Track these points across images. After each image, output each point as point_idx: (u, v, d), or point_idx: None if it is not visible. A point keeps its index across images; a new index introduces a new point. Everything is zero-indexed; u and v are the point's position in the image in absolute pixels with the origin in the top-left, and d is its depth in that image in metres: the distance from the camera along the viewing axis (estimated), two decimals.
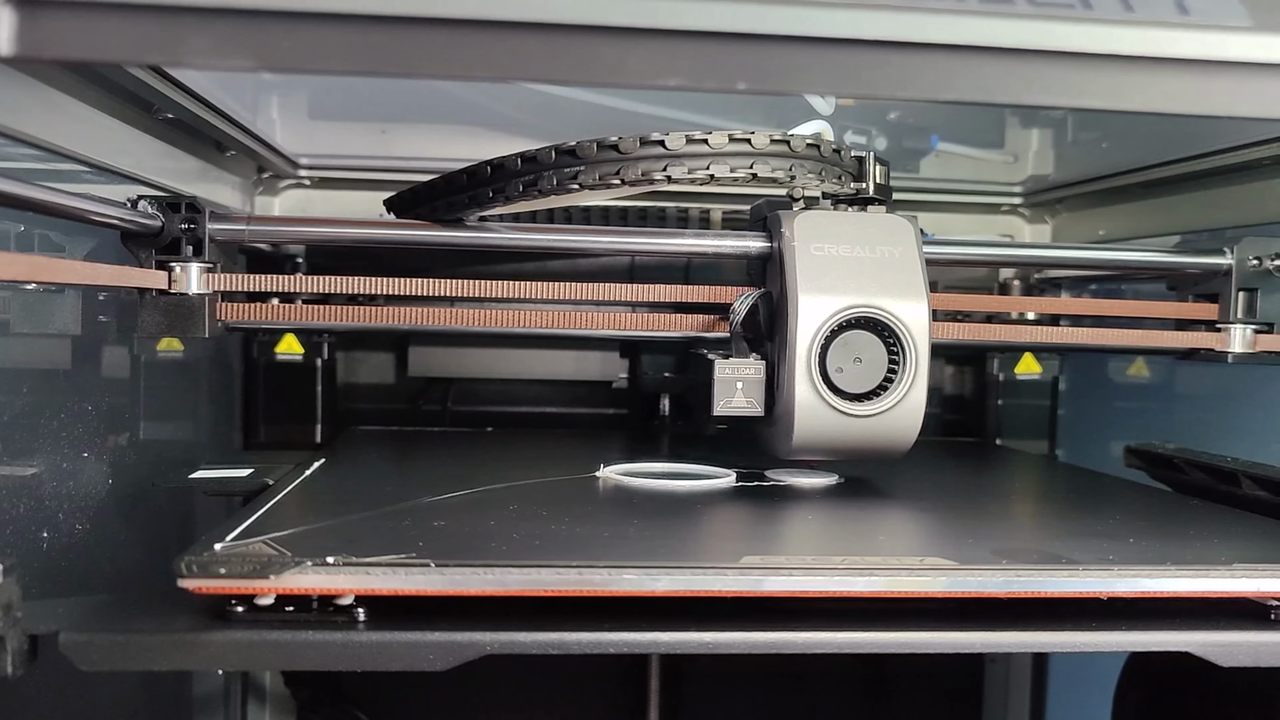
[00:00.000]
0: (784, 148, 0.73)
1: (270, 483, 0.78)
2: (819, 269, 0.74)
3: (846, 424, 0.74)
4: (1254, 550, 0.65)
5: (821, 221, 0.76)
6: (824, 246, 0.75)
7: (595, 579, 0.54)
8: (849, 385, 0.74)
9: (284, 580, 0.52)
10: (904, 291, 0.74)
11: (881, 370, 0.74)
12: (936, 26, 0.46)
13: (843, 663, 1.30)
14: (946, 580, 0.56)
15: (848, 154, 0.79)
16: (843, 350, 0.74)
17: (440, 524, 0.64)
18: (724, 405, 0.75)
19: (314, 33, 0.41)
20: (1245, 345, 0.93)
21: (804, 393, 0.73)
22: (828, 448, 0.76)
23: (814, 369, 0.73)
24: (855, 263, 0.75)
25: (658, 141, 0.71)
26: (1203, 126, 0.98)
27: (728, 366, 0.76)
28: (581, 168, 0.71)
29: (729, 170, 0.72)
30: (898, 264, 0.75)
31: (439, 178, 0.78)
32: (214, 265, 0.79)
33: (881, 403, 0.74)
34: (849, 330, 0.74)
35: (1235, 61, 0.49)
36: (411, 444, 1.07)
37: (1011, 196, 1.32)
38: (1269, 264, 0.92)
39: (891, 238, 0.76)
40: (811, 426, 0.74)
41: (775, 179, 0.74)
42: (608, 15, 0.43)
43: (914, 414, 0.75)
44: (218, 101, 0.91)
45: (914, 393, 0.75)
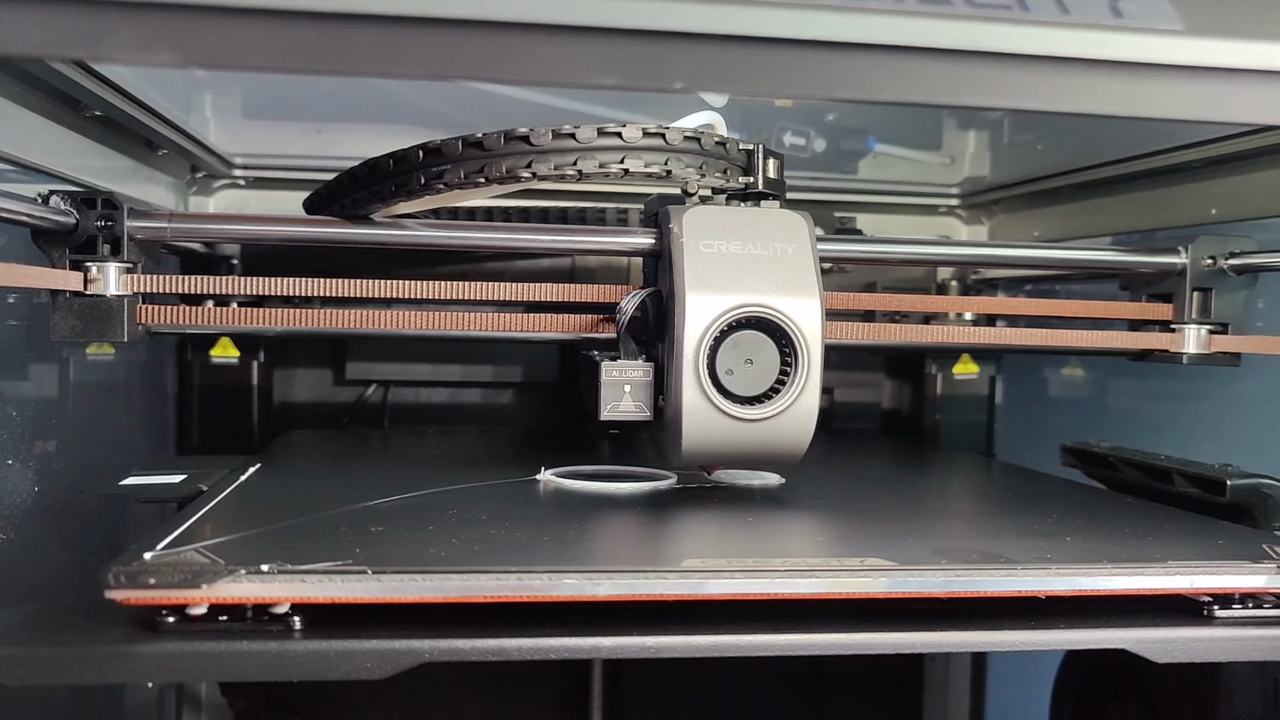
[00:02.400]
0: (658, 141, 0.70)
1: (204, 489, 0.76)
2: (708, 266, 0.71)
3: (737, 429, 0.71)
4: (1187, 547, 0.66)
5: (712, 217, 0.73)
6: (714, 243, 0.72)
7: (535, 584, 0.53)
8: (740, 388, 0.70)
9: (217, 589, 0.51)
10: (797, 290, 0.71)
11: (774, 372, 0.71)
12: (874, 27, 0.46)
13: (785, 662, 1.30)
14: (887, 581, 0.56)
15: (734, 147, 0.76)
16: (733, 351, 0.70)
17: (378, 529, 0.63)
18: (611, 410, 0.72)
19: (243, 29, 0.40)
20: (1200, 346, 0.92)
21: (692, 396, 0.69)
22: (719, 453, 0.73)
23: (702, 371, 0.69)
24: (746, 260, 0.71)
25: (522, 137, 0.68)
26: (1136, 129, 0.99)
27: (615, 369, 0.72)
28: (448, 166, 0.69)
29: (597, 165, 0.69)
30: (791, 261, 0.72)
31: (344, 173, 0.76)
32: (134, 265, 0.75)
33: (773, 406, 0.71)
34: (739, 330, 0.70)
35: (1167, 64, 0.49)
36: (350, 447, 1.05)
37: (949, 198, 1.33)
38: (1223, 263, 0.91)
39: (785, 234, 0.73)
40: (700, 432, 0.71)
41: (649, 174, 0.71)
42: (544, 13, 0.43)
43: (807, 417, 0.72)
44: (148, 99, 0.89)
45: (806, 395, 0.71)
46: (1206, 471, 0.79)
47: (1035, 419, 1.31)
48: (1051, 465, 0.99)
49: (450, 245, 0.82)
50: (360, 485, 0.80)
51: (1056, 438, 1.00)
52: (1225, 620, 0.60)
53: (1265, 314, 0.95)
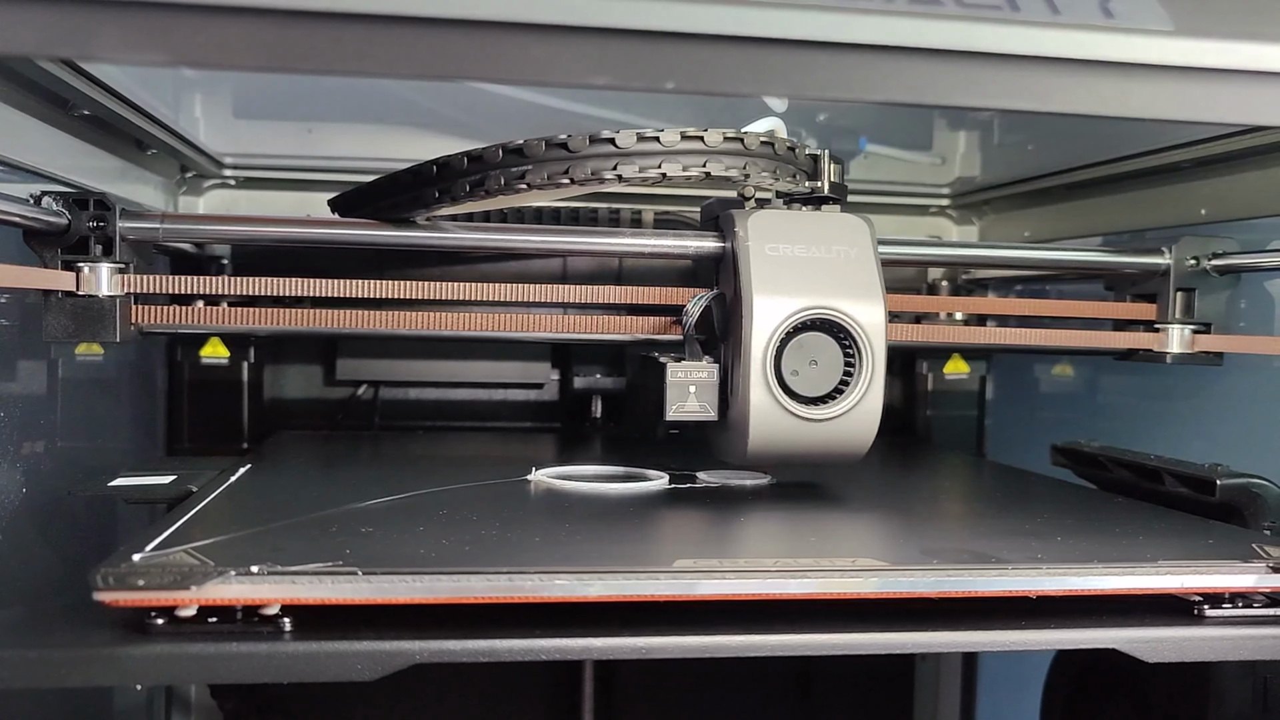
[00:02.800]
0: (738, 145, 0.72)
1: (194, 489, 0.76)
2: (773, 269, 0.72)
3: (802, 428, 0.72)
4: (1177, 547, 0.66)
5: (775, 221, 0.75)
6: (778, 246, 0.73)
7: (526, 585, 0.53)
8: (805, 389, 0.72)
9: (206, 591, 0.51)
10: (860, 292, 0.73)
11: (838, 373, 0.73)
12: (865, 27, 0.46)
13: (776, 662, 1.30)
14: (878, 581, 0.56)
15: (802, 152, 0.77)
16: (798, 353, 0.72)
17: (368, 530, 0.63)
18: (677, 410, 0.73)
19: (232, 27, 0.40)
20: (1184, 345, 0.93)
21: (759, 396, 0.71)
22: (783, 453, 0.74)
23: (769, 372, 0.71)
24: (810, 263, 0.73)
25: (608, 139, 0.69)
26: (1126, 129, 0.99)
27: (680, 370, 0.73)
28: (529, 167, 0.70)
29: (681, 168, 0.70)
30: (854, 264, 0.74)
31: (384, 177, 0.76)
32: (126, 266, 0.75)
33: (838, 406, 0.72)
34: (804, 332, 0.72)
35: (1157, 65, 0.49)
36: (340, 448, 1.05)
37: (939, 198, 1.33)
38: (1206, 263, 0.92)
39: (847, 237, 0.75)
40: (767, 431, 0.72)
41: (729, 177, 0.72)
42: (536, 12, 0.42)
43: (870, 417, 0.74)
44: (137, 98, 0.89)
45: (870, 396, 0.73)
46: (1196, 471, 0.79)
47: (1026, 418, 1.32)
48: (1042, 465, 0.99)
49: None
50: (351, 486, 0.79)
51: (1047, 437, 1.00)
52: (1216, 620, 0.60)
53: (1247, 314, 0.95)
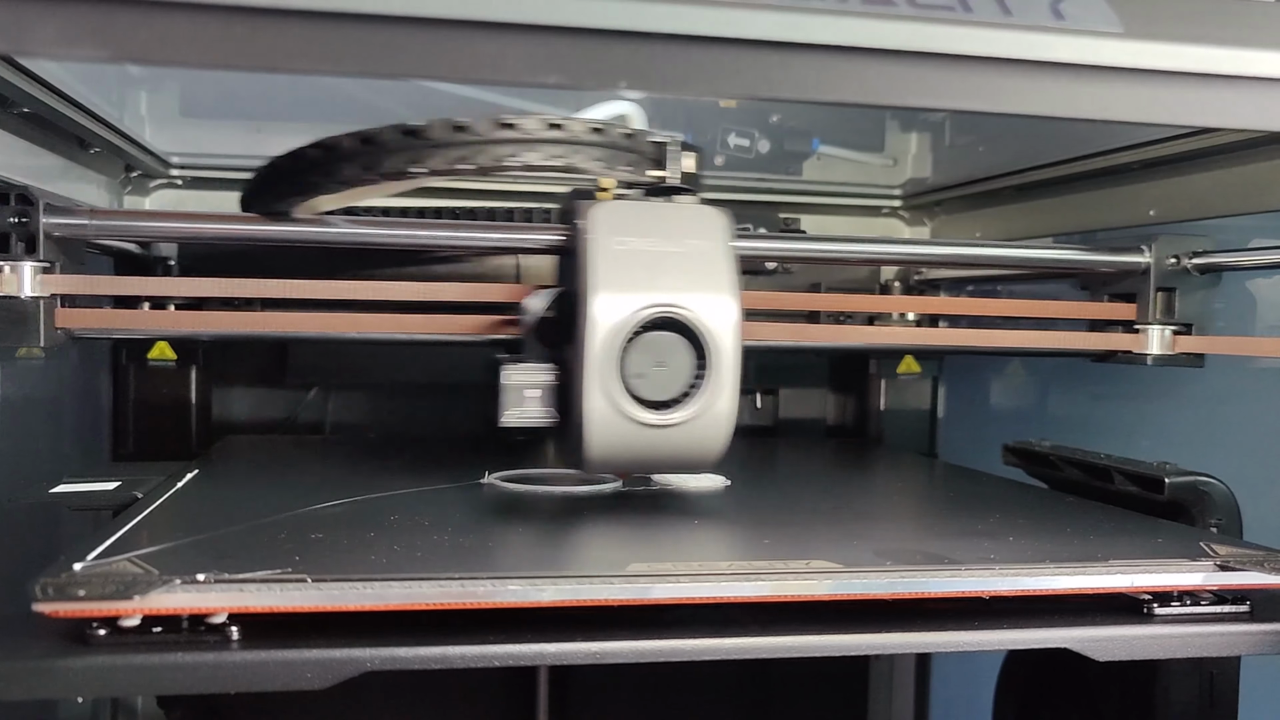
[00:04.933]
0: (558, 132, 0.66)
1: (139, 496, 0.75)
2: (618, 264, 0.67)
3: (647, 435, 0.67)
4: (1127, 546, 0.66)
5: (624, 212, 0.70)
6: (626, 240, 0.68)
7: (479, 591, 0.53)
8: (650, 392, 0.67)
9: (150, 600, 0.50)
10: (710, 288, 0.68)
11: (687, 375, 0.67)
12: (818, 27, 0.46)
13: (731, 665, 1.30)
14: (832, 584, 0.56)
15: (643, 139, 0.71)
16: (644, 354, 0.66)
17: (318, 536, 0.62)
18: (513, 414, 0.69)
19: (171, 23, 0.39)
20: (1164, 347, 0.91)
21: (597, 401, 0.66)
22: (628, 460, 0.69)
23: (610, 374, 0.66)
24: (658, 257, 0.68)
25: (412, 131, 0.64)
26: (1076, 130, 1.00)
27: (517, 372, 0.69)
28: (348, 162, 0.65)
29: (493, 159, 0.64)
30: (705, 258, 0.69)
31: (260, 169, 0.72)
32: (51, 265, 0.72)
33: (684, 411, 0.67)
34: (651, 332, 0.67)
35: (1107, 66, 0.50)
36: (290, 452, 1.04)
37: (891, 199, 1.34)
38: (1187, 262, 0.90)
39: (700, 230, 0.70)
40: (607, 438, 0.67)
41: (549, 166, 0.66)
42: (485, 10, 0.42)
43: (721, 422, 0.68)
44: (79, 96, 0.87)
45: (721, 400, 0.67)
46: (1145, 470, 0.80)
47: (978, 419, 1.33)
48: (994, 465, 1.00)
49: (356, 242, 0.80)
50: (301, 491, 0.78)
51: (998, 437, 1.00)
52: (1164, 618, 0.61)
53: (1223, 314, 0.95)
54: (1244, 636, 0.61)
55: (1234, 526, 0.77)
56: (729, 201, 1.27)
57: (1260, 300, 0.93)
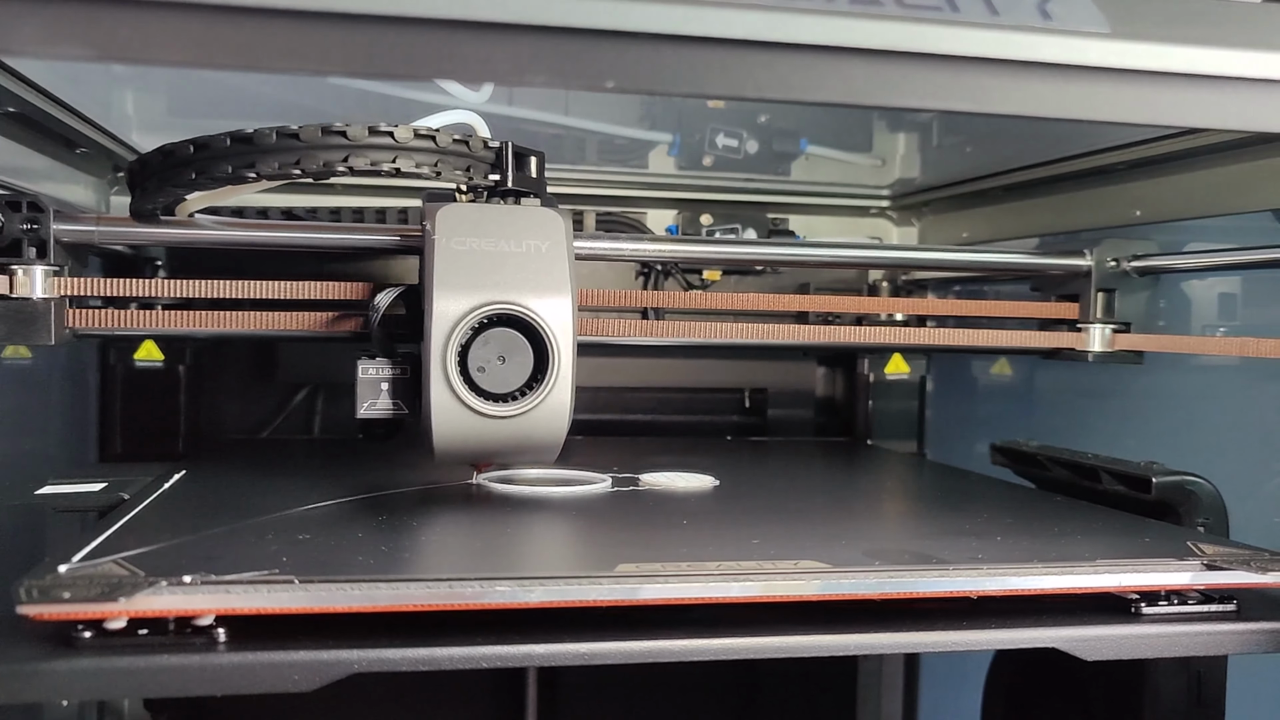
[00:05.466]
0: (386, 139, 0.69)
1: (125, 497, 0.75)
2: (459, 264, 0.70)
3: (488, 426, 0.70)
4: (1114, 545, 0.67)
5: (467, 214, 0.72)
6: (467, 240, 0.71)
7: (467, 592, 0.53)
8: (492, 385, 0.70)
9: (136, 602, 0.49)
10: (546, 288, 0.71)
11: (527, 370, 0.70)
12: (805, 27, 0.46)
13: (720, 665, 1.30)
14: (820, 584, 0.56)
15: (479, 144, 0.74)
16: (485, 349, 0.70)
17: (305, 537, 0.62)
18: (369, 408, 0.72)
19: (156, 22, 0.39)
20: (1104, 344, 0.96)
21: (441, 393, 0.69)
22: (473, 450, 0.73)
23: (452, 368, 0.69)
24: (498, 257, 0.71)
25: (246, 139, 0.67)
26: (1063, 131, 1.00)
27: (371, 366, 0.72)
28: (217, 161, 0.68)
29: (319, 165, 0.68)
30: (544, 259, 0.72)
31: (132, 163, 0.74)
32: (60, 268, 0.74)
33: (524, 403, 0.70)
34: (493, 328, 0.70)
35: (1094, 67, 0.50)
36: (279, 453, 1.03)
37: (879, 199, 1.34)
38: (1126, 265, 0.96)
39: (539, 231, 0.73)
40: (452, 429, 0.70)
41: (376, 171, 0.70)
42: (471, 10, 0.42)
43: (558, 414, 0.71)
44: (66, 96, 0.87)
45: (557, 392, 0.70)
46: (1132, 469, 0.80)
47: (966, 418, 1.33)
48: (982, 464, 1.00)
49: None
50: (288, 492, 0.78)
51: (987, 436, 1.01)
52: (1152, 617, 0.61)
53: (1167, 313, 0.98)
54: (1231, 636, 0.61)
55: (1221, 526, 0.77)
56: (718, 202, 1.29)
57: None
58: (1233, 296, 0.96)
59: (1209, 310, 0.98)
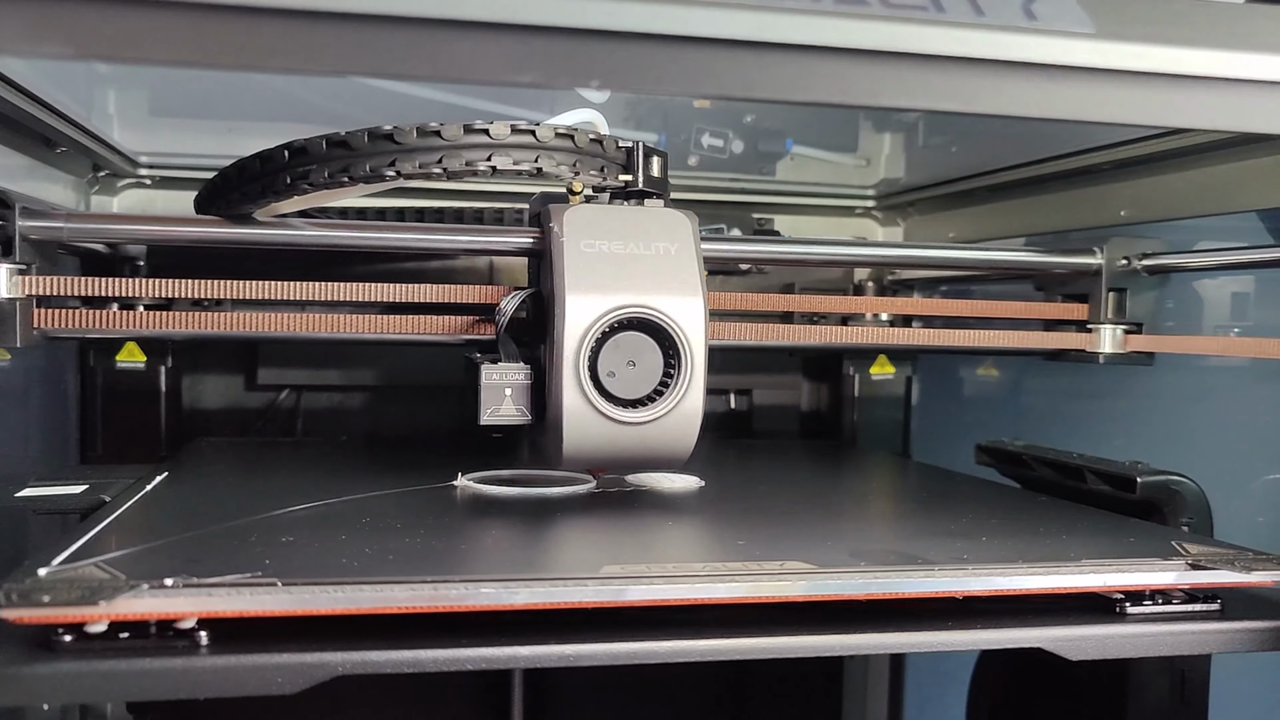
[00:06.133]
0: (528, 138, 0.69)
1: (107, 499, 0.74)
2: (588, 266, 0.69)
3: (619, 432, 0.69)
4: (1099, 545, 0.67)
5: (593, 216, 0.71)
6: (595, 243, 0.70)
7: (451, 594, 0.52)
8: (622, 390, 0.69)
9: (116, 606, 0.49)
10: (678, 289, 0.70)
11: (657, 374, 0.70)
12: (791, 26, 0.45)
13: (705, 665, 1.30)
14: (806, 585, 0.56)
15: (612, 144, 0.74)
16: (615, 353, 0.69)
17: (288, 540, 0.62)
18: (492, 414, 0.71)
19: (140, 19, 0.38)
20: (1116, 345, 0.94)
21: (572, 399, 0.68)
22: (602, 457, 0.71)
23: (583, 373, 0.68)
24: (628, 259, 0.70)
25: (387, 135, 0.67)
26: (1048, 131, 1.01)
27: (496, 372, 0.71)
28: (313, 166, 0.68)
29: (463, 163, 0.67)
30: (674, 261, 0.70)
31: (222, 171, 0.73)
32: (28, 267, 0.72)
33: (655, 409, 0.69)
34: (622, 332, 0.69)
35: (1079, 67, 0.50)
36: (261, 455, 1.03)
37: (865, 199, 1.34)
38: (1137, 263, 0.93)
39: (668, 233, 0.72)
40: (582, 435, 0.69)
41: (519, 171, 0.69)
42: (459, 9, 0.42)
43: (690, 420, 0.70)
44: (45, 95, 0.86)
45: (690, 397, 0.70)
46: (1117, 469, 0.80)
47: (951, 418, 1.33)
48: (966, 464, 1.00)
49: (330, 245, 0.81)
50: (271, 494, 0.77)
51: (971, 437, 1.01)
52: (1137, 617, 0.61)
53: (1174, 314, 0.97)
54: (1215, 635, 0.61)
55: (1205, 525, 0.77)
56: (703, 202, 1.28)
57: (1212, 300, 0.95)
58: (1244, 295, 0.94)
59: (1212, 310, 0.97)
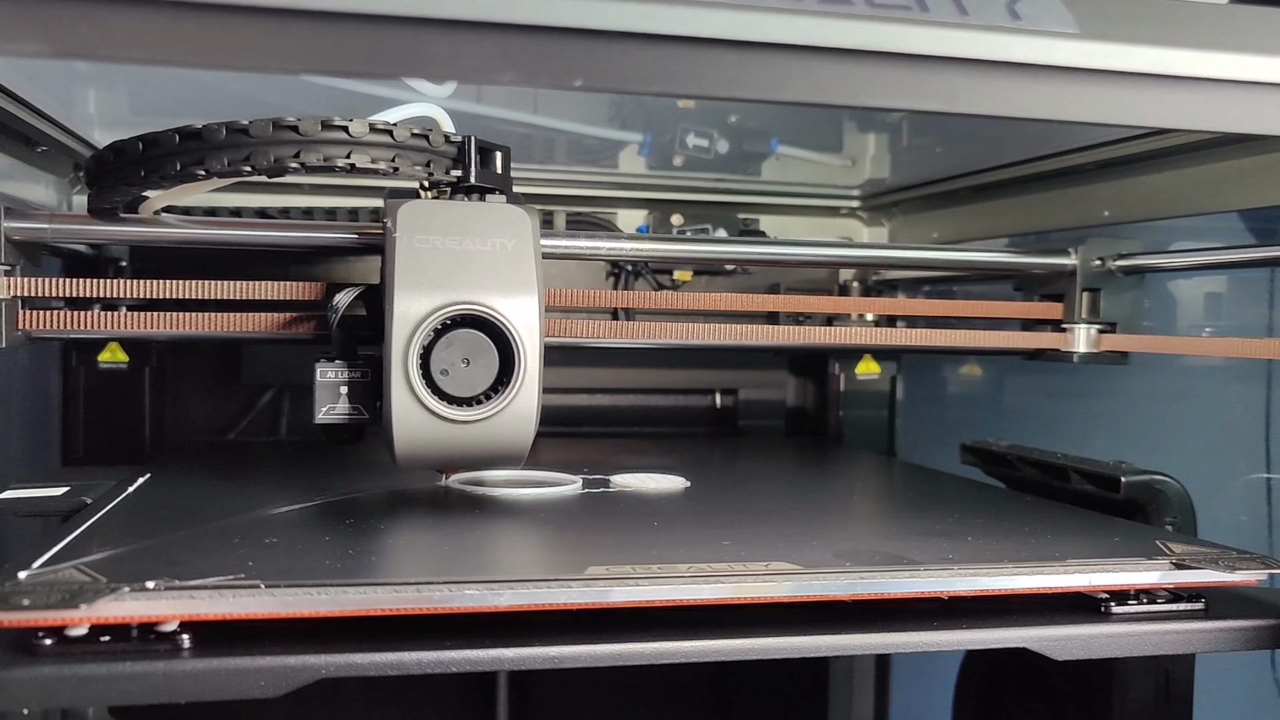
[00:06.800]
0: (340, 134, 0.66)
1: (88, 501, 0.73)
2: (421, 262, 0.67)
3: (451, 431, 0.67)
4: (1084, 545, 0.67)
5: (430, 211, 0.69)
6: (429, 238, 0.68)
7: (435, 596, 0.52)
8: (455, 389, 0.67)
9: (97, 609, 0.49)
10: (512, 287, 0.68)
11: (492, 372, 0.68)
12: (774, 26, 0.45)
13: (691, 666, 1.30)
14: (791, 585, 0.56)
15: (439, 139, 0.71)
16: (449, 351, 0.67)
17: (272, 541, 0.61)
18: (327, 412, 0.70)
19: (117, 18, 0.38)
20: (1090, 345, 0.95)
21: (402, 397, 0.66)
22: (435, 455, 0.69)
23: (413, 371, 0.66)
24: (462, 256, 0.68)
25: (194, 134, 0.65)
26: (1032, 131, 1.01)
27: (331, 369, 0.70)
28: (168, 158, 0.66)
29: (270, 161, 0.65)
30: (509, 258, 0.69)
31: (90, 157, 0.72)
32: (12, 268, 0.72)
33: (489, 407, 0.67)
34: (456, 329, 0.67)
35: (1063, 67, 0.50)
36: (245, 456, 1.02)
37: (850, 200, 1.34)
38: (1111, 264, 0.94)
39: (506, 229, 0.70)
40: (413, 434, 0.67)
41: (331, 167, 0.67)
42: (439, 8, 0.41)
43: (525, 419, 0.69)
44: (25, 94, 0.85)
45: (523, 396, 0.68)
46: (1102, 469, 0.80)
47: (936, 418, 1.33)
48: (952, 464, 1.00)
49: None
50: (255, 495, 0.77)
51: (957, 436, 1.01)
52: (1121, 616, 0.61)
53: (1151, 314, 0.98)
54: (1199, 634, 0.61)
55: (1189, 525, 0.78)
56: (688, 202, 1.29)
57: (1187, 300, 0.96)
58: (1217, 296, 0.95)
59: (1187, 309, 0.98)
